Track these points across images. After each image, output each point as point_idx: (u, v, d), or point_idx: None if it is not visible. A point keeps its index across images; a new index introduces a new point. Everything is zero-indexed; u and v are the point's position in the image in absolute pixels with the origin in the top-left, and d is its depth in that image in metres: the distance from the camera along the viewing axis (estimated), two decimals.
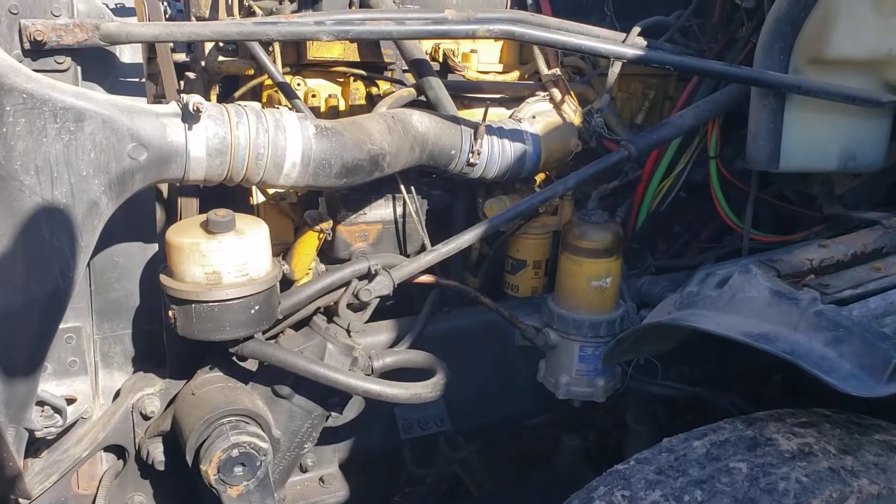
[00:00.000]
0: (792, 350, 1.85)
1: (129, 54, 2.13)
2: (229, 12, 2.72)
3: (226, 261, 1.92)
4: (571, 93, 2.74)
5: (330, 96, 2.60)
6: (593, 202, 2.72)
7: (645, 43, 2.58)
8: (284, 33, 1.95)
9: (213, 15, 2.82)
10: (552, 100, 2.73)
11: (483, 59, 2.80)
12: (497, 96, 2.79)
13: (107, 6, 2.11)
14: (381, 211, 2.54)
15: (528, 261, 2.82)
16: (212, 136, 1.84)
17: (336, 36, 1.98)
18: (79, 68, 1.95)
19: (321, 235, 2.35)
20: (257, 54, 2.33)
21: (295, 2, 2.59)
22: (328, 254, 2.56)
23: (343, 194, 2.44)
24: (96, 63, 2.02)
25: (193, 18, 2.85)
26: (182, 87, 2.81)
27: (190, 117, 1.80)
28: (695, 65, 2.27)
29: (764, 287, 2.03)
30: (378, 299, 2.30)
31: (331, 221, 2.36)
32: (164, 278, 1.97)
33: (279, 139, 1.91)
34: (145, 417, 2.19)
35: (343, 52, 2.55)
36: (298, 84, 2.57)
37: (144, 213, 2.16)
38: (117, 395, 2.25)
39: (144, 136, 1.78)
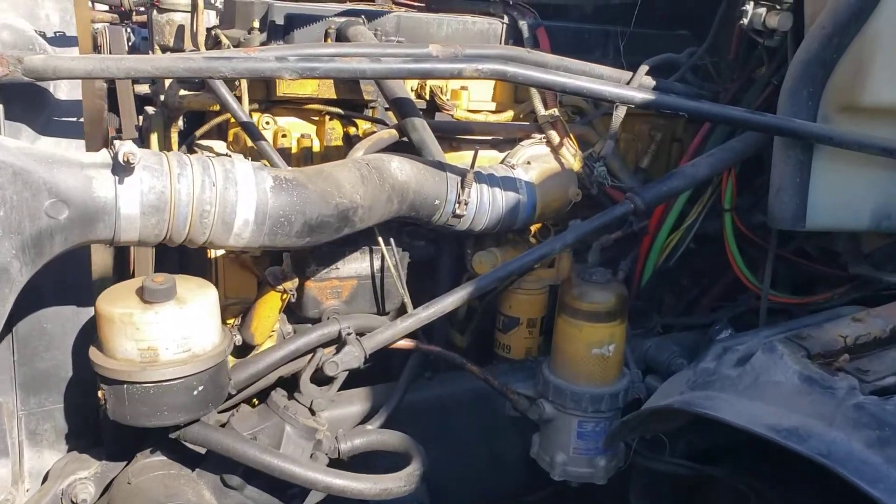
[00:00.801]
0: (829, 452, 1.57)
1: (67, 90, 1.87)
2: (194, 41, 2.47)
3: (163, 335, 1.65)
4: (571, 135, 2.47)
5: (303, 136, 2.34)
6: (594, 254, 2.45)
7: (654, 83, 2.32)
8: (240, 70, 1.69)
9: (178, 43, 2.56)
10: (549, 143, 2.47)
11: (474, 97, 2.54)
12: (489, 138, 2.52)
13: (43, 35, 1.85)
14: (355, 265, 2.27)
15: (522, 318, 2.53)
16: (147, 190, 1.57)
17: (300, 74, 1.72)
18: (0, 107, 1.69)
19: (285, 296, 2.07)
20: (218, 90, 2.08)
21: (265, 32, 2.35)
22: (296, 312, 2.29)
23: (313, 247, 2.16)
24: (24, 100, 1.76)
25: (157, 47, 2.59)
26: (141, 123, 2.55)
27: (121, 169, 1.53)
28: (713, 111, 2.00)
29: (792, 370, 1.76)
30: (346, 373, 2.02)
31: (296, 280, 2.09)
32: (93, 353, 1.69)
33: (229, 193, 1.64)
34: None
35: (317, 89, 2.29)
36: (267, 122, 2.31)
37: (77, 271, 1.88)
38: (46, 478, 1.96)
39: (65, 190, 1.50)
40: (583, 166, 2.45)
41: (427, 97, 2.46)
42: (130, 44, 2.88)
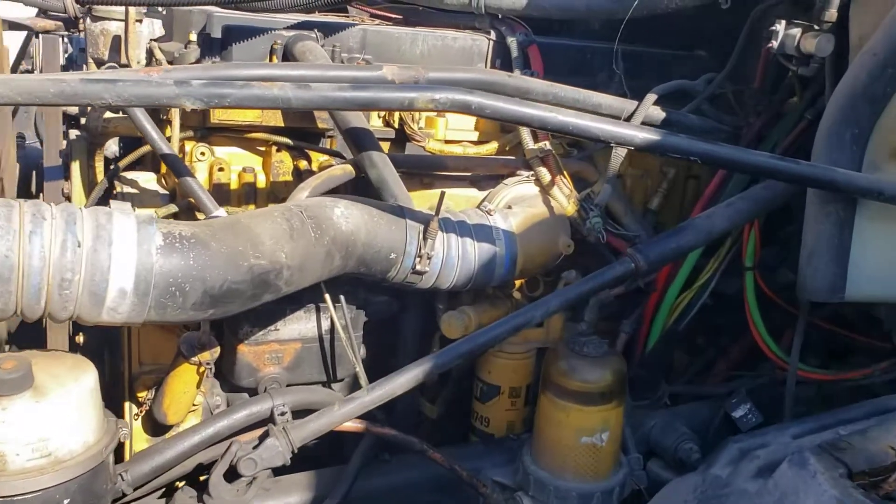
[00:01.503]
0: None
1: None
2: (127, 55, 2.13)
3: (13, 437, 1.28)
4: (565, 173, 2.09)
5: (244, 170, 1.99)
6: (591, 312, 2.08)
7: (663, 116, 1.93)
8: (127, 97, 1.32)
9: (114, 56, 2.23)
10: (539, 181, 2.08)
11: (453, 126, 2.18)
12: (467, 174, 2.15)
13: None
14: (298, 325, 1.94)
15: (503, 387, 2.17)
16: None
17: (206, 103, 1.35)
18: None
19: (202, 369, 1.70)
20: (134, 114, 1.73)
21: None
22: (229, 380, 1.92)
23: None
24: None
25: (90, 60, 2.25)
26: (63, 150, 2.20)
27: None
28: (733, 157, 1.59)
29: (828, 496, 1.37)
30: (268, 471, 1.64)
31: (216, 350, 1.72)
32: None
33: (100, 256, 1.27)
34: None
35: (261, 115, 1.94)
36: (202, 153, 1.96)
37: None
38: None
39: None
40: (578, 210, 2.07)
41: (396, 125, 2.09)
42: (67, 55, 2.54)
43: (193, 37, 2.00)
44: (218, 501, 1.61)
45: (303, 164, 2.02)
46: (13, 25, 2.72)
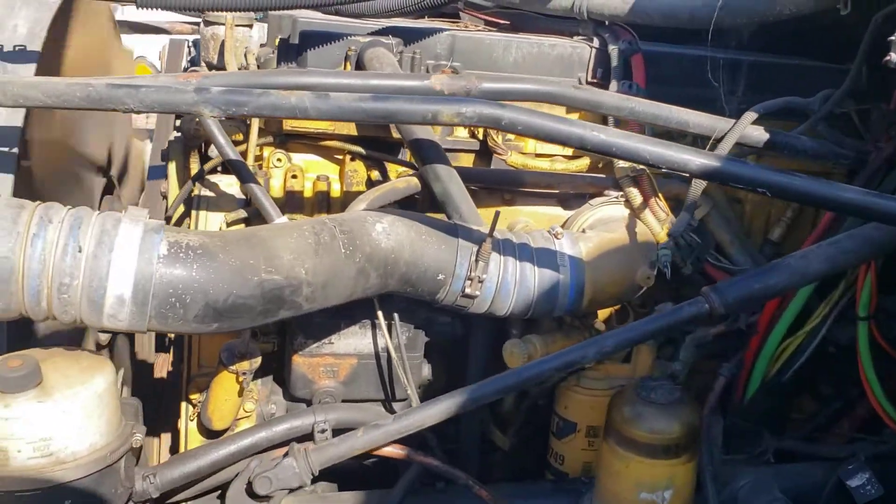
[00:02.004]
0: None
1: (5, 116, 1.59)
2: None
3: (16, 434, 1.30)
4: (660, 195, 1.90)
5: (318, 179, 1.96)
6: (686, 351, 1.90)
7: (766, 137, 1.69)
8: (149, 103, 1.32)
9: (221, 60, 2.28)
10: (629, 203, 1.90)
11: None
12: (554, 192, 2.00)
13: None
14: (354, 341, 1.89)
15: (580, 424, 2.00)
16: None
17: (224, 110, 1.32)
18: None
19: (241, 378, 1.68)
20: (204, 120, 1.74)
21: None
22: (286, 389, 1.90)
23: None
24: None
25: (203, 63, 2.32)
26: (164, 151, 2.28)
27: None
28: (811, 191, 1.32)
29: None
30: (285, 492, 1.58)
31: (257, 360, 1.69)
32: None
33: (100, 262, 1.27)
34: None
35: (333, 123, 1.89)
36: (279, 160, 1.95)
37: None
38: None
39: None
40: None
41: (480, 136, 1.99)
42: (190, 58, 2.64)
43: (278, 42, 2.01)
44: None
45: (374, 174, 1.96)
46: (152, 28, 2.88)
